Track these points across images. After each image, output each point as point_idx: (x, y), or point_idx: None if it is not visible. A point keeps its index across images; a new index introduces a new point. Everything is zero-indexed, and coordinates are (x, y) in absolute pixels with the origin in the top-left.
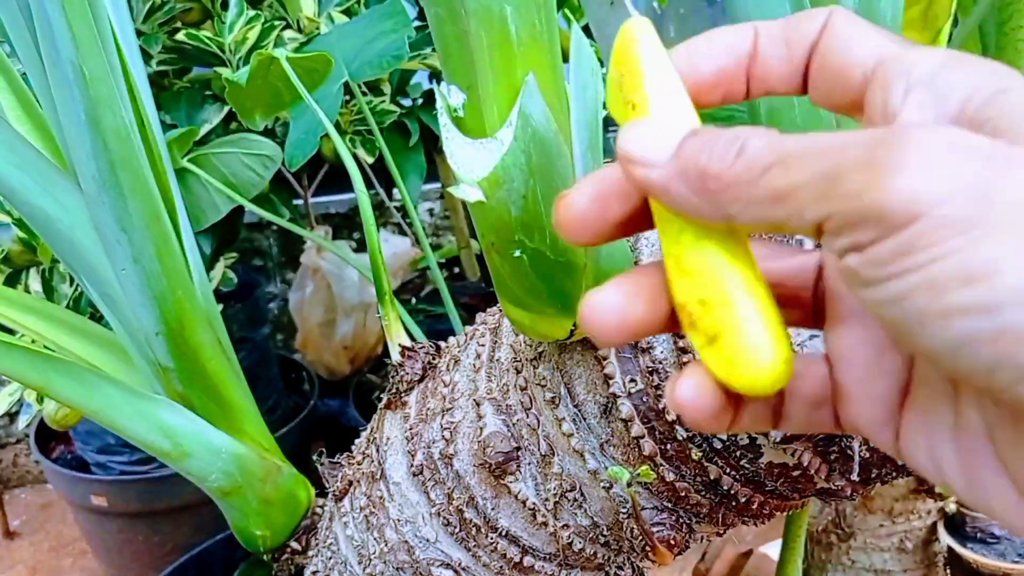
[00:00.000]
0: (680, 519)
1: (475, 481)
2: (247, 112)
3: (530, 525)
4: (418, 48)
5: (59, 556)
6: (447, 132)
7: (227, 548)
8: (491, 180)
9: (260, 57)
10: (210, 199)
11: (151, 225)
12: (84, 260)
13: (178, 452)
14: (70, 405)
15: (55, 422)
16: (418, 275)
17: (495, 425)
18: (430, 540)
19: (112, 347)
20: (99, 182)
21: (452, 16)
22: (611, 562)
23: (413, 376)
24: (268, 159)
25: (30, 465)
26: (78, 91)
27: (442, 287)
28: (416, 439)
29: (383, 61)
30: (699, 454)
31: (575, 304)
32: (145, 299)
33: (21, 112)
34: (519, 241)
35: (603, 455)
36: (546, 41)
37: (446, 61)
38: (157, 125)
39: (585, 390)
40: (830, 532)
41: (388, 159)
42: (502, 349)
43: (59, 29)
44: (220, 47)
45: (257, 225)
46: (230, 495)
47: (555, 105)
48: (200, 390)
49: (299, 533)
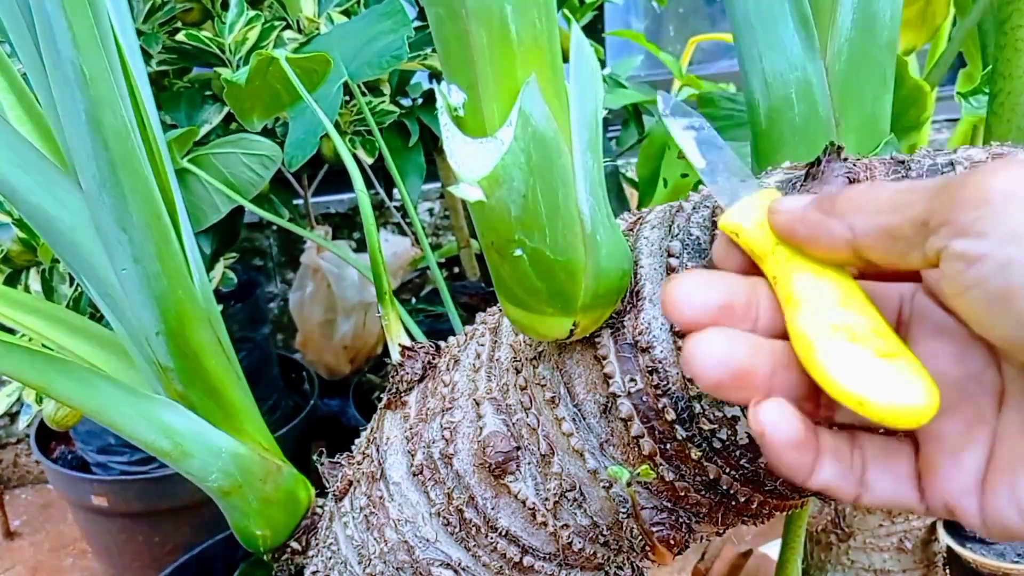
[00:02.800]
0: (680, 519)
1: (475, 481)
2: (246, 113)
3: (530, 525)
4: (418, 48)
5: (59, 556)
6: (447, 131)
7: (227, 548)
8: (491, 179)
9: (260, 57)
10: (210, 199)
11: (151, 225)
12: (84, 260)
13: (178, 452)
14: (70, 405)
15: (55, 422)
16: (418, 275)
17: (495, 425)
18: (430, 540)
19: (112, 347)
20: (99, 182)
21: (452, 16)
22: (611, 562)
23: (413, 376)
24: (268, 159)
25: (30, 465)
26: (78, 91)
27: (442, 287)
28: (416, 439)
29: (382, 61)
30: (698, 454)
31: (575, 304)
32: (145, 299)
33: (21, 112)
34: (519, 240)
35: (603, 455)
36: (546, 41)
37: (446, 61)
38: (157, 125)
39: (585, 390)
40: (829, 532)
41: (388, 159)
42: (502, 349)
43: (59, 29)
44: (220, 47)
45: (257, 225)
46: (230, 495)
47: (555, 105)
48: (200, 390)
49: (299, 533)
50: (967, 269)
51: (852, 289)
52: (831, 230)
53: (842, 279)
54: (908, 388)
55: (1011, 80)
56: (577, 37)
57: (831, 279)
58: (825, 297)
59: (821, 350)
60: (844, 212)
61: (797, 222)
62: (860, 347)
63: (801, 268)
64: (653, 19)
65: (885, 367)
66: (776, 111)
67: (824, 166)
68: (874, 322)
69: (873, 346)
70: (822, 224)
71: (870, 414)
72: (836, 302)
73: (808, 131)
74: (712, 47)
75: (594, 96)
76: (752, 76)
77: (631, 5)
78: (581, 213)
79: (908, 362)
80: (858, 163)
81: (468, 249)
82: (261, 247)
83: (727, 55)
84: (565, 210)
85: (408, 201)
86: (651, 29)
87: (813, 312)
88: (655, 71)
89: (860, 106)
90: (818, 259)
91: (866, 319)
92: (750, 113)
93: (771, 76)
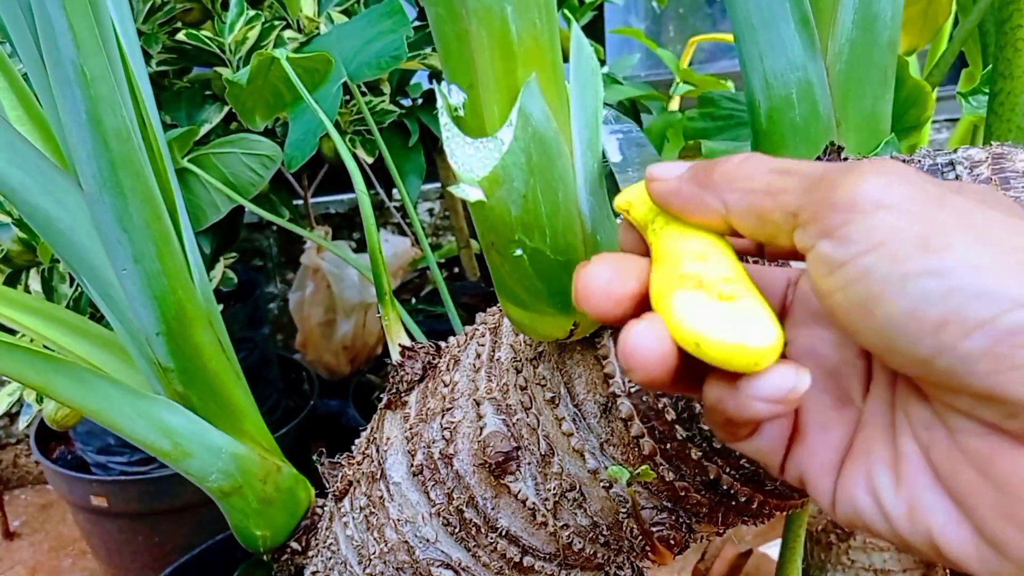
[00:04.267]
0: (680, 519)
1: (475, 481)
2: (247, 113)
3: (530, 525)
4: (418, 48)
5: (59, 556)
6: (447, 131)
7: (227, 548)
8: (491, 179)
9: (260, 57)
10: (210, 199)
11: (152, 225)
12: (84, 260)
13: (178, 452)
14: (70, 405)
15: (55, 422)
16: (418, 275)
17: (495, 425)
18: (430, 540)
19: (112, 347)
20: (100, 182)
21: (452, 16)
22: (611, 562)
23: (413, 376)
24: (268, 159)
25: (30, 465)
26: (79, 91)
27: (442, 287)
28: (416, 439)
29: (382, 61)
30: (698, 453)
31: (575, 304)
32: (145, 299)
33: (22, 112)
34: (519, 240)
35: (603, 454)
36: (546, 41)
37: (446, 61)
38: (158, 125)
39: (585, 389)
40: (829, 532)
41: (388, 159)
42: (502, 349)
43: (60, 28)
44: (220, 47)
45: (257, 225)
46: (230, 495)
47: (555, 105)
48: (200, 390)
49: (299, 533)
50: (829, 273)
51: (716, 245)
52: (704, 203)
53: (709, 238)
54: (746, 328)
55: (1011, 80)
56: (577, 37)
57: (697, 238)
58: (685, 253)
59: (667, 296)
60: (718, 186)
61: (672, 193)
62: (704, 293)
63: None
64: (653, 19)
65: (726, 308)
66: (777, 111)
67: None
68: (728, 271)
69: (718, 291)
70: (696, 197)
71: (706, 355)
72: (693, 256)
73: (809, 131)
74: (712, 47)
75: (594, 96)
76: (753, 76)
77: (631, 5)
78: (581, 213)
79: (752, 304)
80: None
81: (468, 249)
82: (261, 247)
83: (727, 55)
84: (565, 210)
85: (408, 201)
86: (651, 29)
87: (670, 266)
88: (655, 71)
89: (861, 106)
90: (694, 226)
91: (721, 268)
92: (751, 113)
93: (772, 76)
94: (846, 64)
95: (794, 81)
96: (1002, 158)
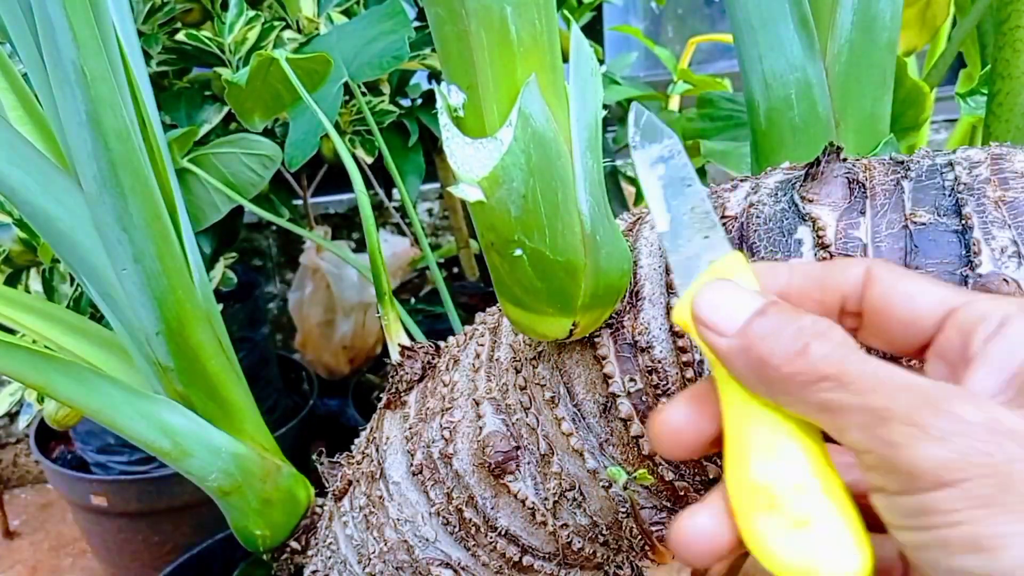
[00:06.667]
0: None
1: (474, 480)
2: (247, 113)
3: (529, 524)
4: (418, 48)
5: (59, 556)
6: (447, 132)
7: (227, 548)
8: (491, 180)
9: (260, 58)
10: (210, 199)
11: (151, 225)
12: (84, 260)
13: (178, 452)
14: (70, 405)
15: (55, 422)
16: (417, 275)
17: (494, 425)
18: (429, 539)
19: (112, 347)
20: (100, 182)
21: (452, 16)
22: (610, 561)
23: (412, 376)
24: (268, 159)
25: (30, 465)
26: (79, 91)
27: (441, 287)
28: (415, 439)
29: (382, 61)
30: None
31: (575, 304)
32: (145, 299)
33: (22, 112)
34: (518, 241)
35: (602, 454)
36: (546, 41)
37: (446, 61)
38: (158, 125)
39: (584, 389)
40: None
41: (387, 159)
42: (501, 349)
43: (60, 28)
44: (220, 47)
45: (257, 225)
46: (230, 495)
47: (555, 105)
48: (200, 390)
49: (299, 533)
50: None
51: (785, 426)
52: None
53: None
54: (825, 558)
55: (1010, 80)
56: (577, 37)
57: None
58: (754, 445)
59: (743, 516)
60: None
61: (729, 360)
62: (780, 519)
63: (734, 395)
64: (652, 20)
65: (803, 538)
66: (776, 111)
67: (823, 166)
68: (801, 475)
69: (793, 517)
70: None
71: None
72: (762, 450)
73: (808, 131)
74: (711, 47)
75: (594, 96)
76: (752, 77)
77: (630, 6)
78: (581, 213)
79: (829, 528)
80: (857, 163)
81: (468, 249)
82: (261, 247)
83: (726, 55)
84: (565, 210)
85: (407, 201)
86: (650, 30)
87: (740, 455)
88: (653, 71)
89: (860, 107)
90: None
91: (794, 472)
92: (750, 113)
93: (771, 77)
94: (845, 65)
95: (793, 82)
96: (1001, 159)
